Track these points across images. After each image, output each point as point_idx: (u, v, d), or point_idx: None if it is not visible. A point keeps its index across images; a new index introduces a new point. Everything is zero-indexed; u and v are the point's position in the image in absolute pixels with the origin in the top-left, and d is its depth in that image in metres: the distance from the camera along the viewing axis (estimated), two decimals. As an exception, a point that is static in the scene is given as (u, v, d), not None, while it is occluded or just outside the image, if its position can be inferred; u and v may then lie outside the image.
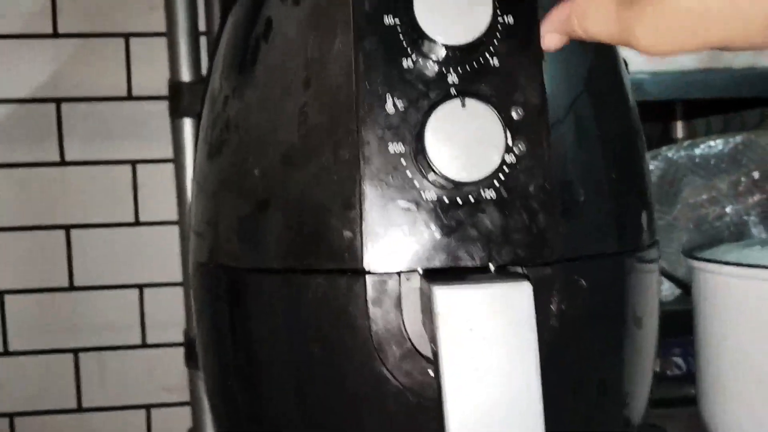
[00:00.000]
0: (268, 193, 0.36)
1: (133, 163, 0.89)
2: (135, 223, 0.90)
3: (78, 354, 0.91)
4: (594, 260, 0.36)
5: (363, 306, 0.33)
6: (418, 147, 0.32)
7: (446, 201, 0.33)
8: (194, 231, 0.43)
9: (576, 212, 0.35)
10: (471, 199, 0.33)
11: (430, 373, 0.33)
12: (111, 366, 0.91)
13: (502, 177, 0.33)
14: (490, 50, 0.33)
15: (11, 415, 0.90)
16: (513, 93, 0.33)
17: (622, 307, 0.38)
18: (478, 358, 0.28)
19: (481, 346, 0.28)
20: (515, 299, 0.28)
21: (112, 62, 0.87)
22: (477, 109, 0.31)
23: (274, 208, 0.35)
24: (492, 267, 0.33)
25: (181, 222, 0.65)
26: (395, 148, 0.33)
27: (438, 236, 0.33)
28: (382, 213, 0.33)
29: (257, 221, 0.36)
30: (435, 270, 0.33)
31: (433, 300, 0.28)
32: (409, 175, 0.33)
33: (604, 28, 0.31)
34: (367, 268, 0.33)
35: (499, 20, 0.33)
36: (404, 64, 0.33)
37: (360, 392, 0.35)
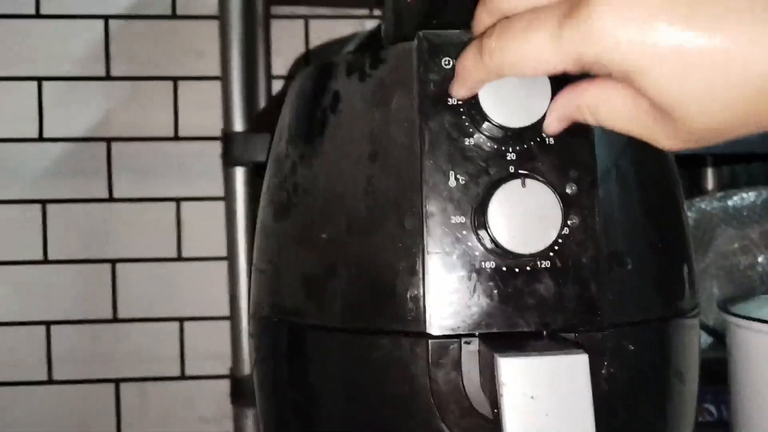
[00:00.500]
0: (336, 257, 0.38)
1: (177, 201, 0.92)
2: (177, 258, 0.93)
3: (119, 384, 0.94)
4: (641, 325, 0.38)
5: (425, 367, 0.35)
6: (479, 220, 0.34)
7: (504, 270, 0.35)
8: (256, 283, 0.45)
9: (624, 280, 0.38)
10: (527, 269, 0.35)
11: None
12: (151, 396, 0.94)
13: (556, 248, 0.35)
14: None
15: (54, 443, 0.93)
16: (568, 170, 0.36)
17: (667, 365, 0.40)
18: (539, 424, 0.30)
19: (543, 413, 0.30)
20: (574, 369, 0.31)
21: (161, 104, 0.91)
22: (536, 189, 0.34)
23: (341, 271, 0.38)
24: (545, 332, 0.35)
25: (231, 261, 0.68)
26: (457, 219, 0.35)
27: (496, 303, 0.35)
28: (444, 280, 0.35)
29: (323, 282, 0.39)
30: (492, 334, 0.35)
31: (497, 368, 0.31)
32: (470, 245, 0.35)
33: (620, 123, 0.30)
34: (429, 332, 0.35)
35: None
36: (466, 143, 0.36)
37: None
